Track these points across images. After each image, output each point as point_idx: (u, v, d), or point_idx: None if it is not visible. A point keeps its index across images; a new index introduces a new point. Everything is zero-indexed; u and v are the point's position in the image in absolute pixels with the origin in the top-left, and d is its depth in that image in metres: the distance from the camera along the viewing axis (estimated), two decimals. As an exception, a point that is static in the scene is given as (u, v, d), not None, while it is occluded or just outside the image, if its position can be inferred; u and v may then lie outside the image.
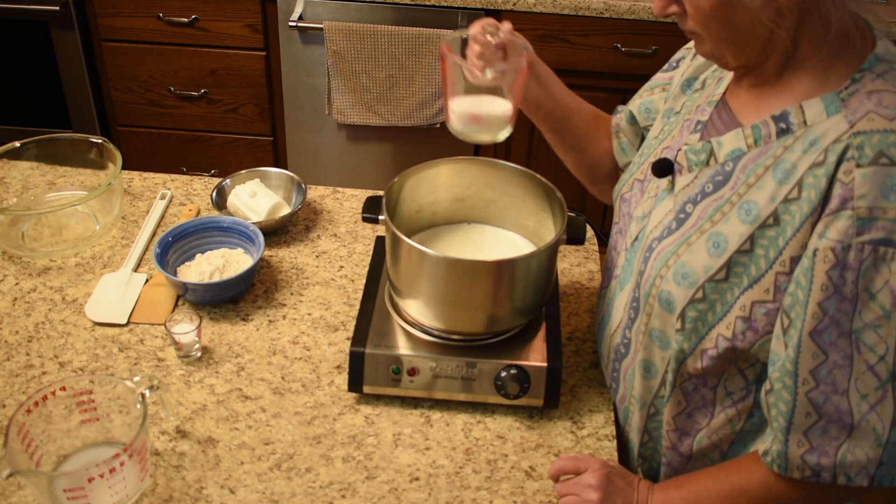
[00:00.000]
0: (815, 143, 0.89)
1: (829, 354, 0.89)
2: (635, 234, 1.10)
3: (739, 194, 0.95)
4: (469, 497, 1.06)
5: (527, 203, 1.26)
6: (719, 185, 0.98)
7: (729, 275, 0.95)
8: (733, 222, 0.95)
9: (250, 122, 2.69)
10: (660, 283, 1.01)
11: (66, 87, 2.63)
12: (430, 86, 2.47)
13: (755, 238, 0.93)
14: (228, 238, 1.39)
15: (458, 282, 1.11)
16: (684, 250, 0.99)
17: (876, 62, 0.90)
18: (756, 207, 0.93)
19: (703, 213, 0.99)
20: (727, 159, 0.98)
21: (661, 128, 1.15)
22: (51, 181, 1.56)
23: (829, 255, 0.86)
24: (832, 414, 0.90)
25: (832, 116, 0.89)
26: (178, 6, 2.47)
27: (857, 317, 0.87)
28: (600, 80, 2.45)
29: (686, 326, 0.98)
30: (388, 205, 1.18)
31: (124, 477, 0.98)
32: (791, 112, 0.93)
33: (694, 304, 0.97)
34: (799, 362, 0.90)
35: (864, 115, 0.86)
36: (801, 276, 0.89)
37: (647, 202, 1.09)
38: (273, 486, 1.06)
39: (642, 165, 1.14)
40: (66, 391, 1.04)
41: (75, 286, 1.35)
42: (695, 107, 1.09)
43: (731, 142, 0.98)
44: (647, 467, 1.16)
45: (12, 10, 2.46)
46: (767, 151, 0.94)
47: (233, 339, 1.26)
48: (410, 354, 1.15)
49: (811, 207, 0.88)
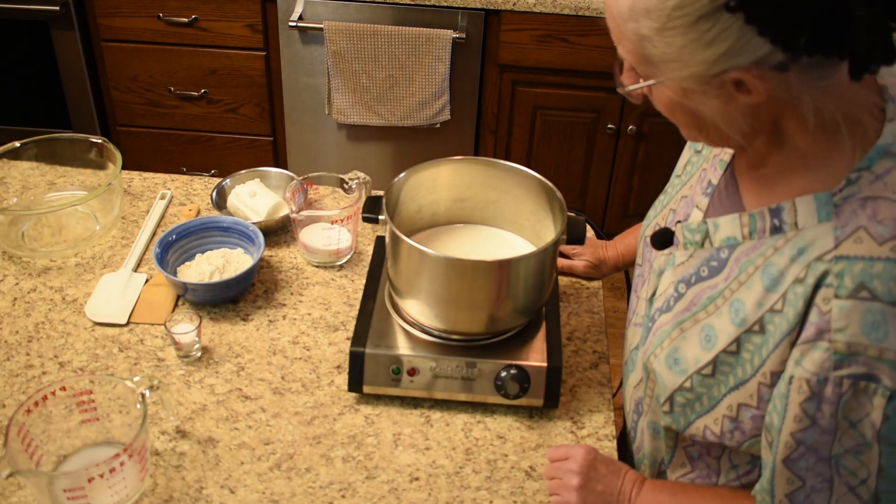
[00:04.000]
0: (803, 252, 0.82)
1: (805, 480, 0.84)
2: (653, 289, 1.04)
3: (731, 290, 0.89)
4: (469, 497, 1.06)
5: (527, 203, 1.26)
6: (714, 271, 0.92)
7: (715, 372, 0.91)
8: (724, 319, 0.89)
9: (250, 122, 2.69)
10: (653, 360, 0.98)
11: (66, 87, 2.63)
12: (430, 86, 2.47)
13: (741, 342, 0.87)
14: (228, 238, 1.39)
15: (458, 282, 1.11)
16: (677, 335, 0.95)
17: (878, 157, 0.80)
18: (744, 310, 0.87)
19: (697, 299, 0.94)
20: (722, 245, 0.92)
21: (684, 166, 1.10)
22: (51, 181, 1.56)
23: (804, 386, 0.80)
24: None
25: (822, 224, 0.81)
26: (178, 6, 2.47)
27: (836, 443, 0.81)
28: (600, 80, 2.45)
29: (674, 410, 0.96)
30: (388, 205, 1.18)
31: (124, 477, 0.98)
32: (785, 208, 0.85)
33: (682, 391, 0.94)
34: (774, 485, 0.87)
35: (853, 231, 0.79)
36: (777, 401, 0.84)
37: (662, 258, 1.04)
38: (273, 486, 1.06)
39: (668, 206, 1.09)
40: (66, 391, 1.04)
41: (75, 286, 1.35)
42: (712, 155, 1.03)
43: (727, 227, 0.92)
44: None
45: (12, 10, 2.46)
46: (760, 248, 0.87)
47: (233, 339, 1.26)
48: (410, 354, 1.15)
49: (789, 327, 0.82)
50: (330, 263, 1.40)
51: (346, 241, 1.39)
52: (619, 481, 1.03)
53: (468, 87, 2.52)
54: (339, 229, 1.38)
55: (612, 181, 2.69)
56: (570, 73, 2.45)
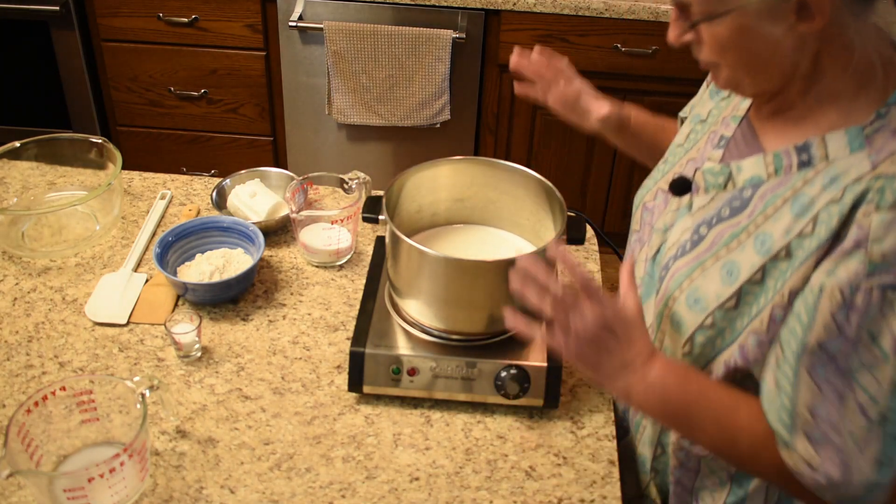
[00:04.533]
0: (836, 180, 0.87)
1: (822, 390, 0.87)
2: (657, 247, 1.08)
3: (756, 224, 0.93)
4: (469, 497, 1.06)
5: (527, 203, 1.26)
6: (736, 210, 0.96)
7: (739, 303, 0.93)
8: (748, 252, 0.93)
9: (250, 122, 2.69)
10: (672, 304, 0.99)
11: (66, 87, 2.63)
12: (430, 86, 2.47)
13: (767, 269, 0.91)
14: (228, 238, 1.39)
15: (458, 282, 1.11)
16: (698, 274, 0.97)
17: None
18: (770, 240, 0.91)
19: (719, 238, 0.97)
20: (746, 185, 0.96)
21: (687, 134, 1.13)
22: (51, 181, 1.56)
23: (837, 294, 0.84)
24: (826, 444, 0.89)
25: (855, 153, 0.87)
26: (178, 6, 2.47)
27: (854, 356, 0.85)
28: (600, 80, 2.44)
29: (694, 351, 0.97)
30: (388, 205, 1.18)
31: (124, 477, 0.98)
32: (814, 144, 0.90)
33: (703, 329, 0.96)
34: (797, 399, 0.89)
35: (889, 156, 0.84)
36: (802, 312, 0.87)
37: (668, 215, 1.07)
38: (273, 486, 1.06)
39: (667, 174, 1.12)
40: (66, 391, 1.04)
41: (75, 286, 1.35)
42: (720, 118, 1.07)
43: (751, 168, 0.96)
44: (659, 481, 1.16)
45: (12, 10, 2.46)
46: (787, 182, 0.92)
47: (233, 339, 1.26)
48: (410, 354, 1.15)
49: (818, 244, 0.86)
50: (330, 263, 1.40)
51: (346, 241, 1.39)
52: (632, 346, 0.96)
53: (468, 87, 2.52)
54: (339, 229, 1.38)
55: (611, 181, 2.69)
56: (570, 73, 2.45)
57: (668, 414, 0.97)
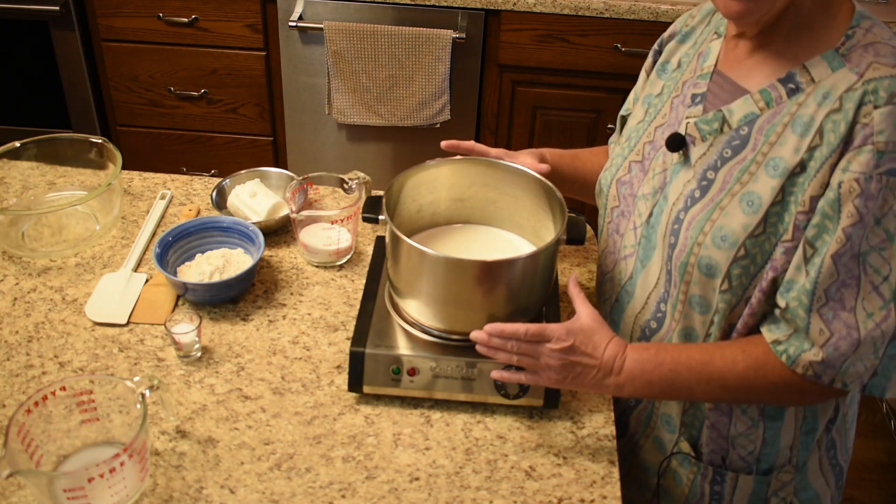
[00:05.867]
0: (828, 94, 0.96)
1: (840, 274, 0.96)
2: (647, 211, 1.12)
3: (763, 153, 1.00)
4: (469, 497, 1.06)
5: (527, 203, 1.26)
6: (738, 148, 1.03)
7: (766, 227, 1.00)
8: (763, 179, 1.00)
9: (250, 122, 2.69)
10: (698, 250, 1.04)
11: (66, 87, 2.63)
12: (430, 86, 2.47)
13: (786, 188, 0.98)
14: (228, 238, 1.39)
15: (458, 282, 1.11)
16: (718, 214, 1.02)
17: (861, 18, 0.99)
18: (783, 161, 0.99)
19: (729, 177, 1.03)
20: (741, 124, 1.03)
21: (646, 110, 1.19)
22: (51, 181, 1.56)
23: (855, 185, 0.93)
24: (840, 329, 0.97)
25: (837, 71, 0.97)
26: (178, 6, 2.47)
27: (863, 240, 0.95)
28: (600, 80, 2.45)
29: (733, 284, 1.03)
30: (388, 205, 1.18)
31: (124, 477, 0.98)
32: (796, 73, 1.00)
33: (737, 262, 1.01)
34: (818, 282, 0.96)
35: (868, 65, 0.95)
36: (826, 208, 0.95)
37: (655, 179, 1.12)
38: (273, 486, 1.06)
39: (635, 148, 1.17)
40: (66, 391, 1.04)
41: (75, 286, 1.35)
42: (680, 83, 1.13)
43: (742, 108, 1.03)
44: (688, 435, 1.18)
45: (12, 10, 2.46)
46: (781, 111, 1.00)
47: (233, 339, 1.26)
48: (410, 354, 1.15)
49: (830, 150, 0.95)
50: (330, 263, 1.40)
51: (346, 241, 1.39)
52: (600, 354, 1.06)
53: (468, 87, 2.52)
54: (339, 229, 1.38)
55: (612, 181, 2.69)
56: (570, 73, 2.45)
57: (658, 391, 1.07)
